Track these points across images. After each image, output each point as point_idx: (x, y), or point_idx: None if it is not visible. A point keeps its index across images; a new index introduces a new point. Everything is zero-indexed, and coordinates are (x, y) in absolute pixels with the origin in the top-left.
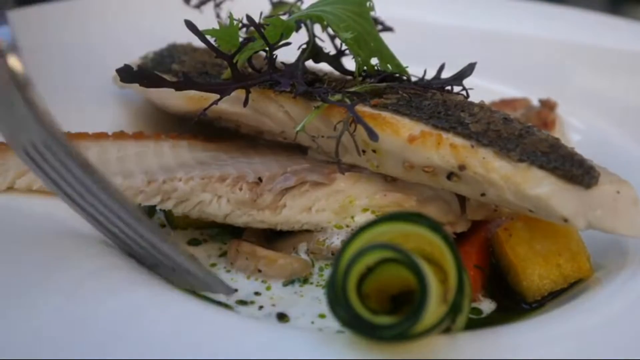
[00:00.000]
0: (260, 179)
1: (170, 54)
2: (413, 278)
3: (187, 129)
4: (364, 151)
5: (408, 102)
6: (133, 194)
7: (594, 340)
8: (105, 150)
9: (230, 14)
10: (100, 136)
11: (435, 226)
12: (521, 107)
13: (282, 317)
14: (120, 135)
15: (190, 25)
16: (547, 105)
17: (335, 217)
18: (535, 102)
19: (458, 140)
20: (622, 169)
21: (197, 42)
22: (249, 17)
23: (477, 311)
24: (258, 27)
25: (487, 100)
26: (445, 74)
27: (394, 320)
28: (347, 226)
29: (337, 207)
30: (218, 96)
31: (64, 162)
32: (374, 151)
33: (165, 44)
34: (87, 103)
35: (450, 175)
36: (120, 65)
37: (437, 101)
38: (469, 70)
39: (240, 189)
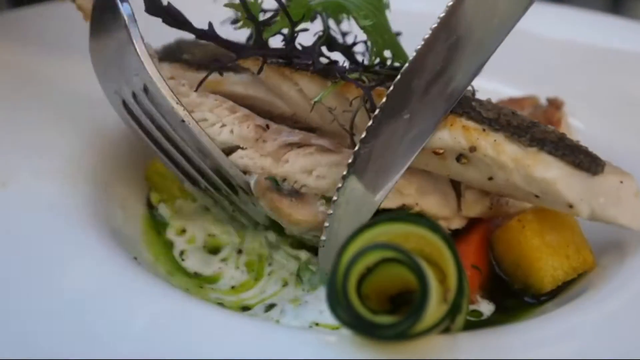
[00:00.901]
0: (267, 126)
1: (179, 48)
2: (413, 278)
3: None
4: None
5: None
6: (154, 71)
7: (594, 340)
8: None
9: None
10: None
11: (434, 226)
12: (528, 105)
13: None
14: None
15: None
16: (554, 104)
17: (333, 189)
18: (542, 101)
19: (470, 124)
20: (622, 168)
21: None
22: None
23: (477, 314)
24: (282, 4)
25: (493, 99)
26: None
27: (394, 320)
28: None
29: (337, 179)
30: (231, 86)
31: (158, 105)
32: None
33: (172, 40)
34: (91, 101)
35: (459, 157)
36: None
37: None
38: None
39: (247, 127)
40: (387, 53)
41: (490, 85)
